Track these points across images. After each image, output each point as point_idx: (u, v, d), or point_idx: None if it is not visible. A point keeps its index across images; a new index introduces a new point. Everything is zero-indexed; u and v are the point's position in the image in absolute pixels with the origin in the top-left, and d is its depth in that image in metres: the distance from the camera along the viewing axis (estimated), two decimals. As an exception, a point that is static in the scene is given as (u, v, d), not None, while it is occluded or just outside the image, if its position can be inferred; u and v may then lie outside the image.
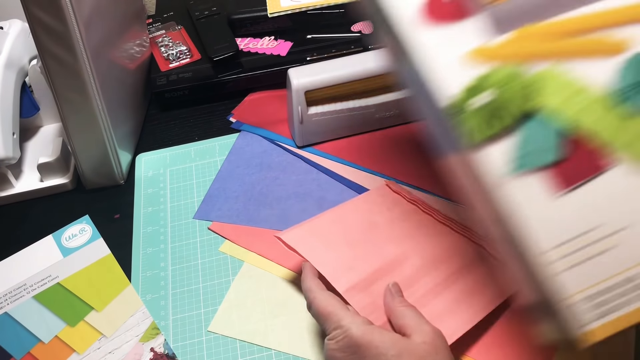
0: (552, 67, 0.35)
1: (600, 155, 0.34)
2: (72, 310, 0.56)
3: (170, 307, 0.56)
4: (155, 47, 0.81)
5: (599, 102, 0.35)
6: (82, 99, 0.61)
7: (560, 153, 0.34)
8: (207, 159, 0.70)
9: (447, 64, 0.35)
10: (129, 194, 0.67)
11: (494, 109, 0.34)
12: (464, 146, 0.35)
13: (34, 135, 0.75)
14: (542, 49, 0.36)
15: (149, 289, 0.58)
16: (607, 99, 0.34)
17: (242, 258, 0.59)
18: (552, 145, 0.34)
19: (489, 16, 0.36)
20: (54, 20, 0.55)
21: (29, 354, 0.53)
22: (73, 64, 0.58)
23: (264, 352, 0.52)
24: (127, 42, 0.71)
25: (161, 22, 0.85)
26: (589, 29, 0.36)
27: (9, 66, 0.68)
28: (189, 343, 0.53)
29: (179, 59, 0.78)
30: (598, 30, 0.35)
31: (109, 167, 0.67)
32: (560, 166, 0.34)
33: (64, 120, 0.62)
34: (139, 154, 0.72)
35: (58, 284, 0.58)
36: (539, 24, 0.36)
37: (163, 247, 0.61)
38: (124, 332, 0.54)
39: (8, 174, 0.68)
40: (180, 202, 0.65)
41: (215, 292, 0.57)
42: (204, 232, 0.62)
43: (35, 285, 0.58)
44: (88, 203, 0.67)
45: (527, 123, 0.34)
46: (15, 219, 0.67)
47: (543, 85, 0.35)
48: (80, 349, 0.53)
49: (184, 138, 0.73)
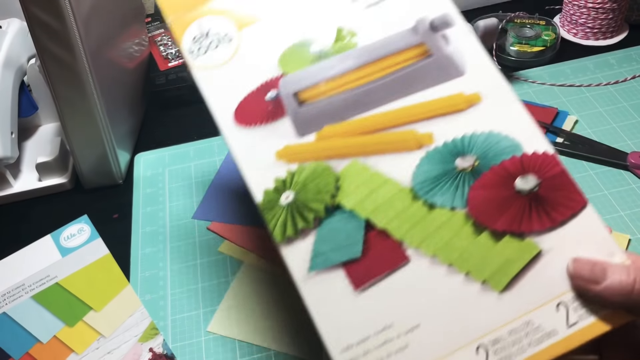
0: (354, 163, 0.36)
1: (396, 252, 0.35)
2: (71, 310, 0.56)
3: (169, 307, 0.56)
4: (154, 46, 0.81)
5: (396, 198, 0.36)
6: (80, 98, 0.61)
7: (356, 250, 0.35)
8: (206, 158, 0.70)
9: (257, 163, 0.37)
10: (127, 193, 0.67)
11: (297, 207, 0.36)
12: (275, 241, 0.36)
13: (33, 135, 0.75)
14: (347, 146, 0.37)
15: (148, 289, 0.57)
16: (405, 195, 0.36)
17: (242, 258, 0.59)
18: (349, 243, 0.35)
19: (296, 118, 0.38)
20: (53, 19, 0.55)
21: (27, 354, 0.53)
22: (72, 63, 0.58)
23: (263, 353, 0.52)
24: (126, 41, 0.71)
25: (160, 21, 0.85)
26: (394, 125, 0.37)
27: (7, 65, 0.68)
28: (188, 343, 0.53)
29: (178, 58, 0.78)
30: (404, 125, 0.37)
31: (107, 166, 0.66)
32: (357, 263, 0.35)
33: (62, 119, 0.62)
34: (137, 153, 0.72)
35: (57, 284, 0.58)
36: (343, 123, 0.37)
37: (162, 247, 0.61)
38: (122, 332, 0.54)
39: (6, 173, 0.67)
40: (179, 202, 0.65)
41: (215, 292, 0.56)
42: (203, 232, 0.62)
43: (33, 285, 0.58)
44: (87, 203, 0.67)
45: (326, 221, 0.36)
46: (13, 218, 0.67)
47: (344, 181, 0.36)
48: (78, 349, 0.53)
49: (182, 137, 0.73)
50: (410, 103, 0.37)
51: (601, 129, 0.66)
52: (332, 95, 0.38)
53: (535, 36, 0.78)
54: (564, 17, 0.81)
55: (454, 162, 0.36)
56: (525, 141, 0.36)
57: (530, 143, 0.36)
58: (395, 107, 0.37)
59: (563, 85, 0.73)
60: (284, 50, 0.39)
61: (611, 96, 0.70)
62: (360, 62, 0.39)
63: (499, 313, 0.33)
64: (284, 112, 0.38)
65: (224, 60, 0.39)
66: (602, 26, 0.78)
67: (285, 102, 0.38)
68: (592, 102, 0.70)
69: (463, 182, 0.36)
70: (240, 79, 0.39)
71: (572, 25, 0.80)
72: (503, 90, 0.37)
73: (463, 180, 0.36)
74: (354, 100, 0.38)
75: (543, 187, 0.35)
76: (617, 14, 0.77)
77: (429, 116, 0.37)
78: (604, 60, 0.76)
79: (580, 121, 0.68)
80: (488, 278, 0.34)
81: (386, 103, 0.38)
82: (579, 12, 0.78)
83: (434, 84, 0.38)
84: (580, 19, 0.78)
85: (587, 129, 0.67)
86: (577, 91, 0.72)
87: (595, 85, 0.72)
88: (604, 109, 0.69)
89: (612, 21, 0.77)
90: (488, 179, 0.35)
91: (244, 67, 0.39)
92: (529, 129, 0.36)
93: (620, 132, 0.66)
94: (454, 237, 0.35)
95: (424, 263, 0.34)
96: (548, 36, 0.78)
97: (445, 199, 0.35)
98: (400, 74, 0.38)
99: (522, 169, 0.36)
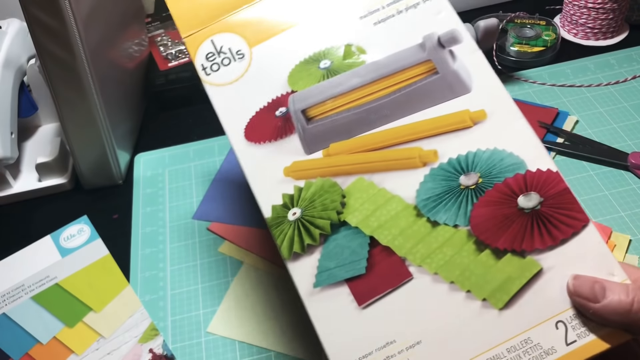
0: (360, 179, 0.37)
1: (399, 269, 0.35)
2: (71, 311, 0.56)
3: (169, 307, 0.56)
4: (154, 46, 0.81)
5: (401, 215, 0.36)
6: (80, 99, 0.60)
7: (361, 267, 0.35)
8: (206, 159, 0.70)
9: (265, 179, 0.38)
10: (127, 194, 0.67)
11: (304, 224, 0.36)
12: (282, 256, 0.36)
13: (32, 135, 0.75)
14: (353, 163, 0.38)
15: (148, 290, 0.57)
16: (409, 212, 0.36)
17: (242, 259, 0.59)
18: (354, 260, 0.36)
19: (304, 135, 0.38)
20: (53, 19, 0.55)
21: (27, 355, 0.53)
22: (71, 63, 0.58)
23: (263, 353, 0.51)
24: (125, 41, 0.71)
25: (160, 21, 0.85)
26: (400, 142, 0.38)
27: (7, 66, 0.67)
28: (188, 344, 0.53)
29: (178, 58, 0.78)
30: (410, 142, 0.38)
31: (107, 167, 0.66)
32: (362, 280, 0.35)
33: (62, 119, 0.62)
34: (137, 153, 0.72)
35: (56, 285, 0.58)
36: (350, 140, 0.38)
37: (162, 248, 0.61)
38: (122, 333, 0.54)
39: (6, 173, 0.67)
40: (179, 202, 0.65)
41: (215, 292, 0.56)
42: (203, 232, 0.62)
43: (33, 286, 0.58)
44: (86, 203, 0.67)
45: (332, 237, 0.36)
46: (13, 219, 0.67)
47: (350, 198, 0.37)
48: (78, 350, 0.53)
49: (182, 138, 0.73)
50: (417, 120, 0.38)
51: (601, 129, 0.66)
52: (340, 112, 0.39)
53: (535, 36, 0.78)
54: (564, 17, 0.81)
55: (457, 179, 0.36)
56: (529, 158, 0.36)
57: (534, 160, 0.36)
58: (402, 123, 0.38)
59: (563, 85, 0.73)
60: (293, 68, 0.40)
61: (611, 96, 0.70)
62: (367, 79, 0.39)
63: (499, 331, 0.34)
64: (292, 129, 0.38)
65: (236, 77, 0.40)
66: (603, 26, 0.78)
67: (294, 119, 0.39)
68: (592, 103, 0.70)
69: (466, 200, 0.36)
70: (251, 96, 0.39)
71: (572, 26, 0.80)
72: (508, 107, 0.37)
73: (466, 198, 0.36)
74: (361, 117, 0.38)
75: (545, 205, 0.35)
76: (618, 14, 0.77)
77: (435, 133, 0.38)
78: (604, 60, 0.76)
79: (581, 121, 0.68)
80: (488, 296, 0.34)
81: (393, 120, 0.38)
82: (579, 12, 0.78)
83: (440, 101, 0.38)
84: (580, 19, 0.78)
85: (588, 130, 0.67)
86: (577, 91, 0.72)
87: (596, 85, 0.72)
88: (605, 109, 0.69)
89: (612, 21, 0.77)
90: (491, 197, 0.36)
91: (255, 84, 0.40)
92: (533, 146, 0.37)
93: (620, 132, 0.66)
94: (455, 255, 0.35)
95: (426, 280, 0.35)
96: (548, 36, 0.78)
97: (449, 216, 0.36)
98: (407, 90, 0.39)
99: (525, 187, 0.36)
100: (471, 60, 0.38)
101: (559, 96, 0.71)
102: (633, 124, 0.67)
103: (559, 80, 0.73)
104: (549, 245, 0.35)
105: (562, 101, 0.70)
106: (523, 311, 0.34)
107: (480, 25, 0.69)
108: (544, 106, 0.69)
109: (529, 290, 0.34)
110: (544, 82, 0.73)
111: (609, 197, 0.59)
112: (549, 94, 0.72)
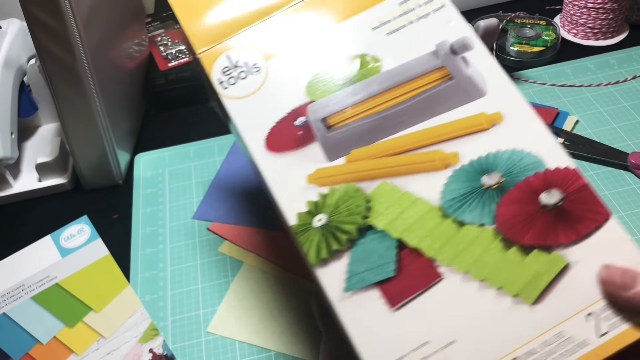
0: (384, 184, 0.38)
1: (429, 270, 0.36)
2: (71, 311, 0.56)
3: (169, 307, 0.56)
4: (154, 46, 0.81)
5: (427, 217, 0.37)
6: (80, 99, 0.60)
7: (390, 270, 0.36)
8: (206, 159, 0.70)
9: (289, 187, 0.38)
10: (127, 194, 0.67)
11: (330, 229, 0.37)
12: (309, 263, 0.37)
13: (32, 135, 0.75)
14: (376, 168, 0.38)
15: (148, 290, 0.57)
16: (435, 214, 0.37)
17: (242, 259, 0.59)
18: (383, 263, 0.36)
19: (325, 142, 0.39)
20: (53, 19, 0.55)
21: (27, 355, 0.53)
22: (71, 63, 0.58)
23: (263, 353, 0.51)
24: (125, 41, 0.71)
25: (160, 21, 0.85)
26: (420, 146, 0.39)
27: (7, 66, 0.67)
28: (188, 344, 0.53)
29: (178, 58, 0.78)
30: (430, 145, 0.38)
31: (107, 167, 0.66)
32: (392, 282, 0.36)
33: (62, 119, 0.62)
34: (137, 153, 0.72)
35: (56, 285, 0.58)
36: (371, 145, 0.39)
37: (162, 248, 0.61)
38: (122, 333, 0.54)
39: (6, 173, 0.67)
40: (179, 202, 0.65)
41: (215, 292, 0.56)
42: (203, 232, 0.62)
43: (33, 286, 0.58)
44: (86, 203, 0.67)
45: (359, 242, 0.37)
46: (13, 219, 0.67)
47: (375, 202, 0.37)
48: (78, 350, 0.53)
49: (183, 138, 0.73)
50: (435, 124, 0.39)
51: (602, 129, 0.66)
52: (359, 119, 0.39)
53: (535, 36, 0.78)
54: (564, 17, 0.81)
55: (480, 179, 0.37)
56: (547, 157, 0.37)
57: (552, 159, 0.37)
58: (420, 128, 0.39)
59: (563, 85, 0.73)
60: (311, 79, 0.40)
61: (611, 96, 0.70)
62: (384, 87, 0.40)
63: (532, 325, 0.34)
64: (313, 137, 0.39)
65: (254, 89, 0.41)
66: (603, 26, 0.78)
67: (314, 128, 0.39)
68: (592, 103, 0.70)
69: (490, 199, 0.37)
70: (270, 107, 0.40)
71: (572, 26, 0.80)
72: (523, 109, 0.38)
73: (490, 197, 0.37)
74: (380, 123, 0.39)
75: (567, 201, 0.36)
76: (618, 14, 0.77)
77: (454, 136, 0.38)
78: (604, 60, 0.76)
79: (581, 121, 0.68)
80: (519, 292, 0.35)
81: (411, 125, 0.39)
82: (579, 12, 0.78)
83: (456, 105, 0.39)
84: (580, 19, 0.78)
85: (588, 129, 0.67)
86: (577, 91, 0.72)
87: (596, 85, 0.72)
88: (605, 109, 0.69)
89: (612, 21, 0.77)
90: (514, 195, 0.37)
91: (273, 95, 0.40)
92: (550, 145, 0.37)
93: (620, 132, 0.66)
94: (484, 253, 0.36)
95: (456, 280, 0.35)
96: (548, 36, 0.78)
97: (474, 216, 0.36)
98: (423, 96, 0.39)
99: (546, 184, 0.36)
100: (484, 65, 0.40)
101: (559, 96, 0.71)
102: (633, 124, 0.67)
103: (559, 80, 0.73)
104: (573, 239, 0.35)
105: (562, 101, 0.70)
106: (554, 305, 0.34)
107: (480, 25, 0.69)
108: (544, 106, 0.69)
109: (558, 285, 0.35)
110: (544, 82, 0.73)
111: (609, 197, 0.59)
112: (549, 94, 0.72)
